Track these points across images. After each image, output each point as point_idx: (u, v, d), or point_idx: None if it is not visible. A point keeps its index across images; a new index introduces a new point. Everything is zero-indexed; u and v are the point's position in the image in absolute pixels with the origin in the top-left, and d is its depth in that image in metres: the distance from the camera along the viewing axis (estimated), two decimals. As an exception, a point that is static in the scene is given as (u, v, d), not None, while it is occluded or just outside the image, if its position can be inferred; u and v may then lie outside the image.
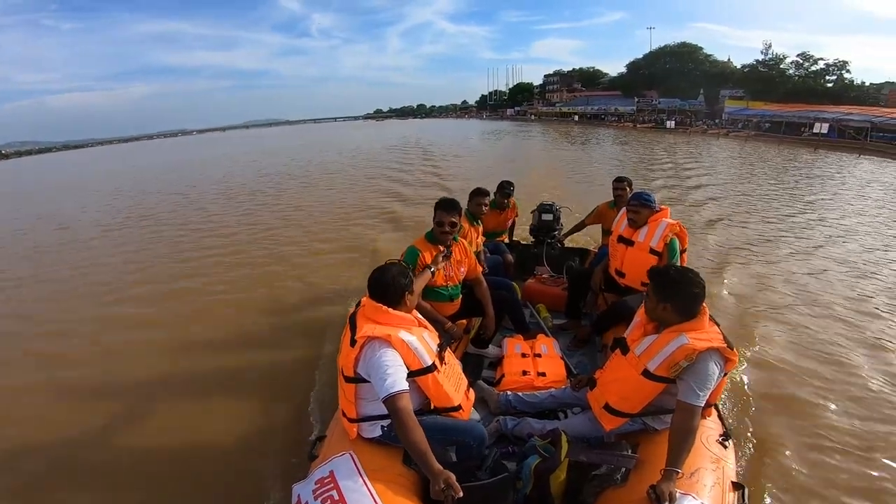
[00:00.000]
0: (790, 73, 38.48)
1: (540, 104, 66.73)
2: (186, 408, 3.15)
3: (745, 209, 8.45)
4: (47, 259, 7.45)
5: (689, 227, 6.31)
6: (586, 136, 31.23)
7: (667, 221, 2.73)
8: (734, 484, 1.57)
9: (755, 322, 3.87)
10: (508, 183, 4.11)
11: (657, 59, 51.70)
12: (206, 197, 12.51)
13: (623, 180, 3.70)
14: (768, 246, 6.15)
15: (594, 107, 51.77)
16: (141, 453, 2.71)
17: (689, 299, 1.71)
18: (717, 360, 1.66)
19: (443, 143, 27.15)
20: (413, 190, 11.43)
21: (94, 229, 9.48)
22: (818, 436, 2.55)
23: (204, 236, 8.07)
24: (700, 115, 39.02)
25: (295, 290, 5.17)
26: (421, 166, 16.45)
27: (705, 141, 25.71)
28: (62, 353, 4.12)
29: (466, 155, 21.10)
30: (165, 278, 5.94)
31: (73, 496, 2.46)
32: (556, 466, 1.64)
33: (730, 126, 31.75)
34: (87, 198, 14.82)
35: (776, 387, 3.00)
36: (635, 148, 22.32)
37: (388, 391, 1.53)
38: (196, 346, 4.03)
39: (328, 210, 9.69)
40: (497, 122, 63.17)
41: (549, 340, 2.79)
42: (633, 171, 14.48)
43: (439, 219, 2.51)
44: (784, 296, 4.46)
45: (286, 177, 15.98)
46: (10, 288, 6.08)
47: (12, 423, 3.13)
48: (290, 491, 1.56)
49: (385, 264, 1.83)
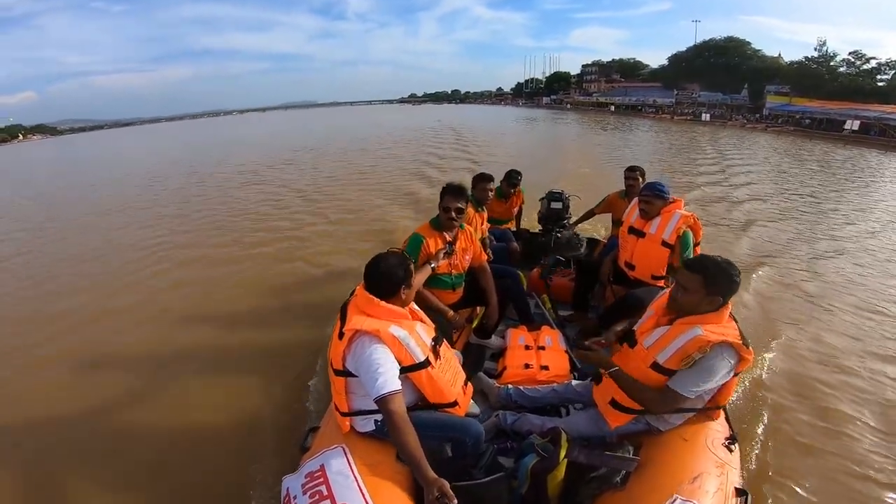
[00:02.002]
0: (840, 70, 37.38)
1: (577, 93, 66.30)
2: (187, 386, 3.18)
3: (776, 200, 8.36)
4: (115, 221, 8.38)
5: (709, 218, 6.20)
6: (621, 125, 31.58)
7: (680, 213, 2.62)
8: (737, 490, 1.50)
9: (781, 321, 3.75)
10: (516, 172, 4.05)
11: (701, 52, 50.44)
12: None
13: (635, 169, 3.59)
14: (801, 243, 5.97)
15: (632, 98, 51.20)
16: (136, 431, 2.74)
17: (732, 291, 1.64)
18: (729, 356, 1.58)
19: (483, 129, 28.02)
20: (458, 174, 11.47)
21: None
22: (837, 449, 2.42)
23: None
24: (742, 110, 38.55)
25: (318, 269, 5.26)
26: (474, 146, 17.65)
27: (737, 133, 25.71)
28: (66, 315, 4.41)
29: (507, 138, 22.55)
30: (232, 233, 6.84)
31: (68, 470, 2.48)
32: (553, 467, 1.60)
33: (769, 121, 31.55)
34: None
35: (797, 391, 2.87)
36: (664, 136, 22.99)
37: (379, 392, 1.47)
38: (207, 322, 4.14)
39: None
40: (532, 109, 63.28)
41: (553, 332, 2.73)
42: (661, 157, 15.16)
43: (446, 204, 2.43)
44: (815, 297, 4.27)
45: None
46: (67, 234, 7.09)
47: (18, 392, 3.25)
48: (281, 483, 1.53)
49: (385, 252, 1.73)
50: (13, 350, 3.84)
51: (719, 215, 7.29)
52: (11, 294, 5.22)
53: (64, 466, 2.49)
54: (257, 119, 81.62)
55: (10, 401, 3.16)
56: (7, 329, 4.28)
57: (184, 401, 3.03)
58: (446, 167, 12.69)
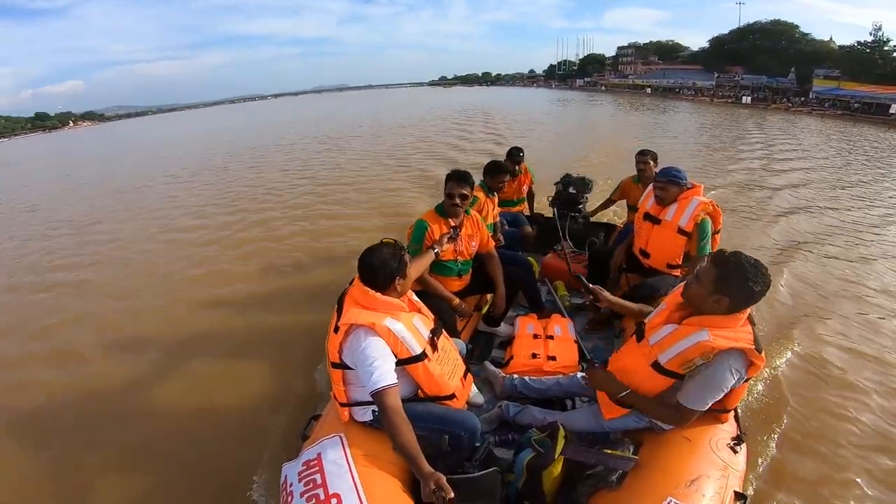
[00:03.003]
0: (895, 55, 35.52)
1: (612, 76, 64.88)
2: (197, 370, 3.26)
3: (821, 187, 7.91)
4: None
5: (745, 203, 5.99)
6: (656, 106, 31.13)
7: (698, 199, 2.50)
8: (737, 494, 1.46)
9: (807, 319, 3.55)
10: (517, 149, 3.96)
11: (745, 35, 48.48)
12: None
13: (646, 154, 3.45)
14: (839, 233, 5.58)
15: (670, 80, 49.67)
16: (143, 412, 2.85)
17: (747, 298, 1.49)
18: (737, 364, 1.49)
19: (520, 111, 27.97)
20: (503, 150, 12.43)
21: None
22: (854, 458, 2.27)
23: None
24: (788, 93, 37.38)
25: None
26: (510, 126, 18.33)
27: (780, 115, 24.99)
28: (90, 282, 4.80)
29: (543, 117, 23.18)
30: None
31: (72, 448, 2.58)
32: (549, 462, 1.58)
33: (815, 104, 30.61)
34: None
35: (816, 394, 2.72)
36: (703, 118, 22.55)
37: (374, 386, 1.48)
38: (221, 305, 4.25)
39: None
40: (566, 91, 62.59)
41: (564, 321, 2.69)
42: (695, 139, 15.01)
43: (450, 190, 2.40)
44: (851, 296, 3.99)
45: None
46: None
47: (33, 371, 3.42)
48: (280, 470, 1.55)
49: (378, 244, 1.72)
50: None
51: (758, 200, 6.92)
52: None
53: (69, 445, 2.61)
54: (294, 103, 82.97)
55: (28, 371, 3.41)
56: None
57: (193, 384, 3.11)
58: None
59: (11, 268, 6.04)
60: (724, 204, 3.50)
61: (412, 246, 2.40)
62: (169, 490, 2.29)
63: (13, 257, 6.54)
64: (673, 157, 8.40)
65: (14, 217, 9.40)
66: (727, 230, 3.34)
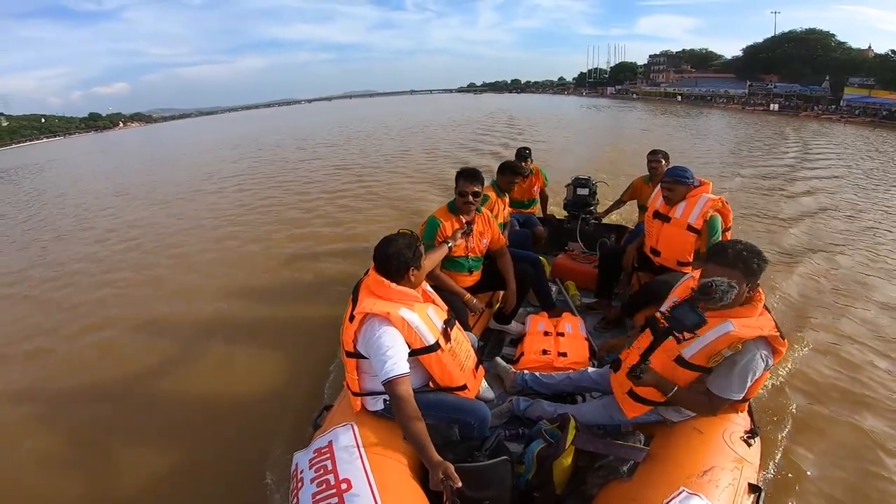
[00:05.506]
0: (932, 63, 35.85)
1: (644, 84, 65.63)
2: (215, 358, 3.36)
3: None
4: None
5: (739, 204, 5.77)
6: (686, 113, 31.83)
7: (707, 196, 2.52)
8: (751, 486, 1.45)
9: (822, 312, 3.57)
10: (524, 149, 4.03)
11: (779, 44, 49.13)
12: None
13: (658, 153, 3.48)
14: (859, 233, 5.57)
15: (702, 88, 50.20)
16: (162, 398, 2.94)
17: (750, 272, 1.51)
18: (765, 352, 1.51)
19: (555, 119, 28.28)
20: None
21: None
22: (867, 448, 2.26)
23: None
24: (822, 101, 38.32)
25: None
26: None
27: (803, 124, 25.24)
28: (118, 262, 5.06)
29: (579, 123, 24.62)
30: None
31: (92, 430, 2.70)
32: (559, 453, 1.59)
33: (845, 112, 31.64)
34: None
35: (838, 387, 2.71)
36: (733, 125, 23.27)
37: (387, 375, 1.50)
38: (243, 295, 4.36)
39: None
40: (596, 98, 62.68)
41: (575, 319, 2.70)
42: (720, 142, 15.46)
43: (461, 188, 2.44)
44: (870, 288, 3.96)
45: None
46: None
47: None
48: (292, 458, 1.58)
49: (394, 234, 1.73)
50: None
51: (775, 202, 6.95)
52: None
53: (95, 425, 2.71)
54: (331, 108, 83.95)
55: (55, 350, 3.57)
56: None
57: (211, 372, 3.20)
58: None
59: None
60: (735, 204, 3.51)
61: (424, 242, 2.39)
62: (186, 475, 2.35)
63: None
64: (682, 159, 8.21)
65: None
66: (745, 232, 3.36)
